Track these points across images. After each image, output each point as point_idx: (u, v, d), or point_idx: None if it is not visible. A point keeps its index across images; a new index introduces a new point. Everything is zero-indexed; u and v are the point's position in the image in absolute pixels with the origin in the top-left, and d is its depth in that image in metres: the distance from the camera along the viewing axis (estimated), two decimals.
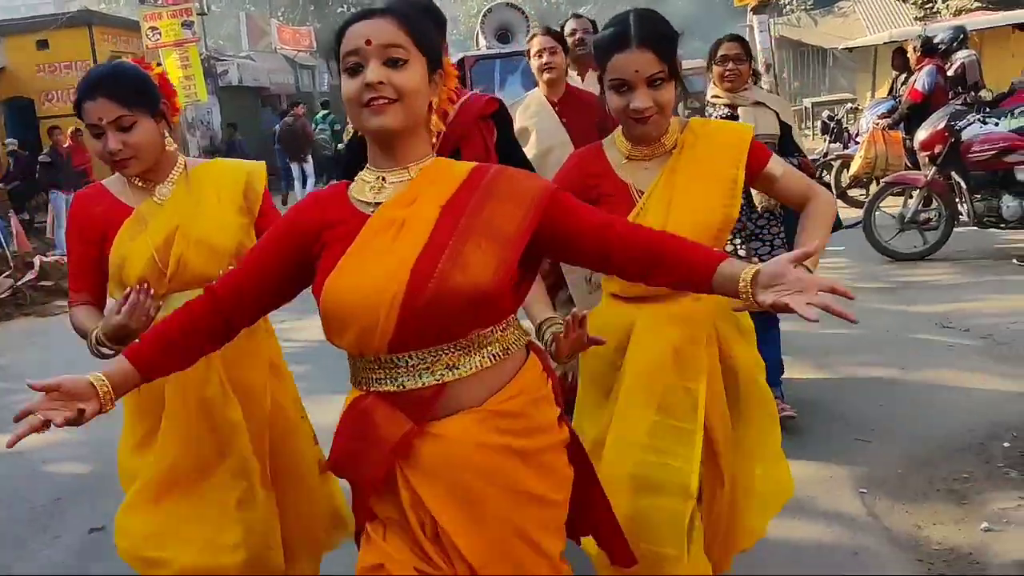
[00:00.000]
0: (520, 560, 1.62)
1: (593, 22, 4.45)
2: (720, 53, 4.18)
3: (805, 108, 19.67)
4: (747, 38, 4.52)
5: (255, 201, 2.50)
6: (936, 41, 8.45)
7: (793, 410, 4.01)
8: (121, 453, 2.46)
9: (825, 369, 4.78)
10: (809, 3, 22.99)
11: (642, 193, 2.20)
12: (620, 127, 2.29)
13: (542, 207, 1.62)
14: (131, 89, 2.33)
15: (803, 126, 18.43)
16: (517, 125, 3.52)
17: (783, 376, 4.17)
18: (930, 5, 18.54)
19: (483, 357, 1.61)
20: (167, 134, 2.44)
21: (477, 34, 10.14)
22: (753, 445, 2.32)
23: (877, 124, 8.22)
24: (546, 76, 3.86)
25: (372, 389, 1.63)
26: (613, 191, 2.23)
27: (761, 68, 10.38)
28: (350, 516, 1.98)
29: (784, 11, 23.04)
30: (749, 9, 10.15)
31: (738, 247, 4.05)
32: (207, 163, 2.58)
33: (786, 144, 4.12)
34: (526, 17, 10.07)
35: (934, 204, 7.10)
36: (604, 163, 2.27)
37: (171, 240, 2.35)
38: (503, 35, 9.53)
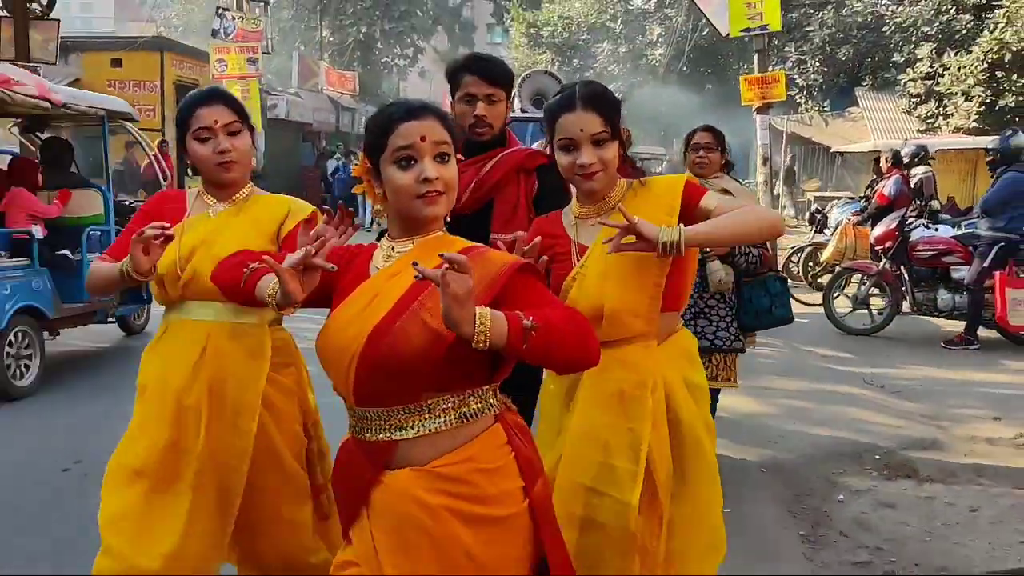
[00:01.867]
0: None
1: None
2: (693, 141, 4.45)
3: (808, 201, 21.06)
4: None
5: (283, 232, 2.61)
6: (903, 155, 9.86)
7: None
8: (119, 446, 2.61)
9: (762, 397, 6.05)
10: (823, 106, 24.50)
11: (586, 248, 2.32)
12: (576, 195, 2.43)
13: (501, 283, 1.70)
14: (237, 103, 2.64)
15: (799, 217, 19.84)
16: None
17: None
18: (932, 120, 19.91)
19: (434, 423, 1.71)
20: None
21: (514, 97, 11.01)
22: (690, 507, 2.34)
23: (849, 220, 9.57)
24: None
25: (353, 434, 1.81)
26: (564, 249, 2.35)
27: (758, 160, 11.79)
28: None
29: (799, 109, 24.57)
30: (754, 109, 11.56)
31: (687, 322, 4.10)
32: (269, 196, 2.73)
33: None
34: (560, 83, 10.02)
35: (884, 291, 8.41)
36: (560, 225, 2.41)
37: (191, 253, 2.52)
38: (538, 100, 9.87)
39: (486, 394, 1.76)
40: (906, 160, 9.74)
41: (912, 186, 9.43)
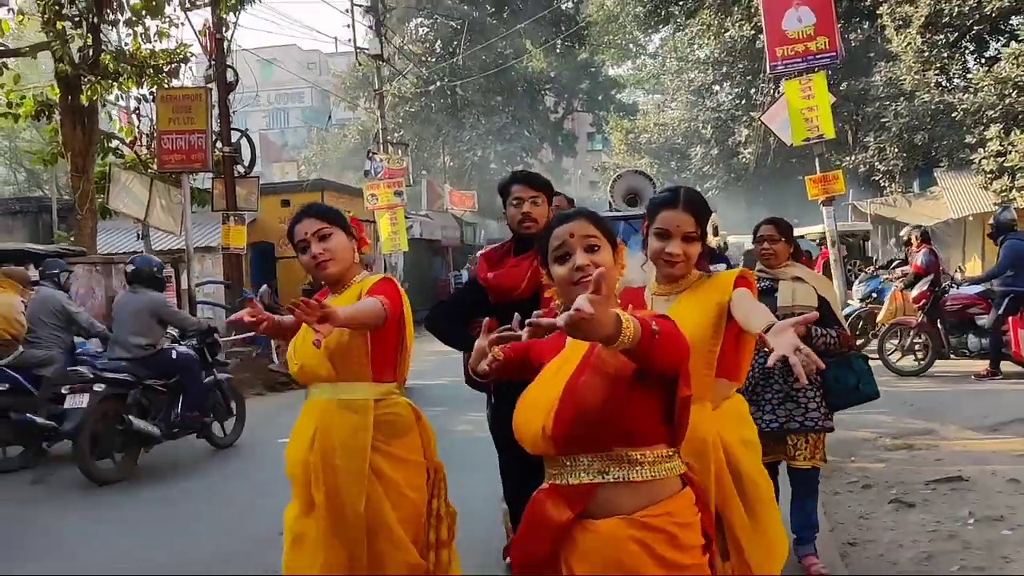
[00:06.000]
0: None
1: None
2: (759, 234, 4.58)
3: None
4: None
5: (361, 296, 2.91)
6: (928, 232, 12.15)
7: (825, 569, 4.41)
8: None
9: None
10: (906, 187, 26.44)
11: None
12: (655, 274, 2.80)
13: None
14: (326, 211, 2.98)
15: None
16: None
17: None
18: (1006, 192, 21.62)
19: (629, 472, 2.00)
20: (356, 251, 3.00)
21: (609, 196, 11.11)
22: (765, 549, 2.69)
23: (897, 287, 11.80)
24: None
25: (551, 482, 2.08)
26: None
27: (829, 246, 14.07)
28: None
29: (884, 192, 26.54)
30: (820, 202, 13.91)
31: (776, 406, 4.36)
32: (371, 277, 3.03)
33: (824, 316, 4.28)
34: (653, 183, 10.95)
35: (925, 339, 10.59)
36: (642, 297, 2.76)
37: (298, 345, 2.99)
38: (632, 199, 10.39)
39: (672, 456, 2.06)
40: (916, 237, 11.94)
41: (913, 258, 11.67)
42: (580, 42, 40.75)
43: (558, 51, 42.04)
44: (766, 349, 2.19)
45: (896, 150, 25.96)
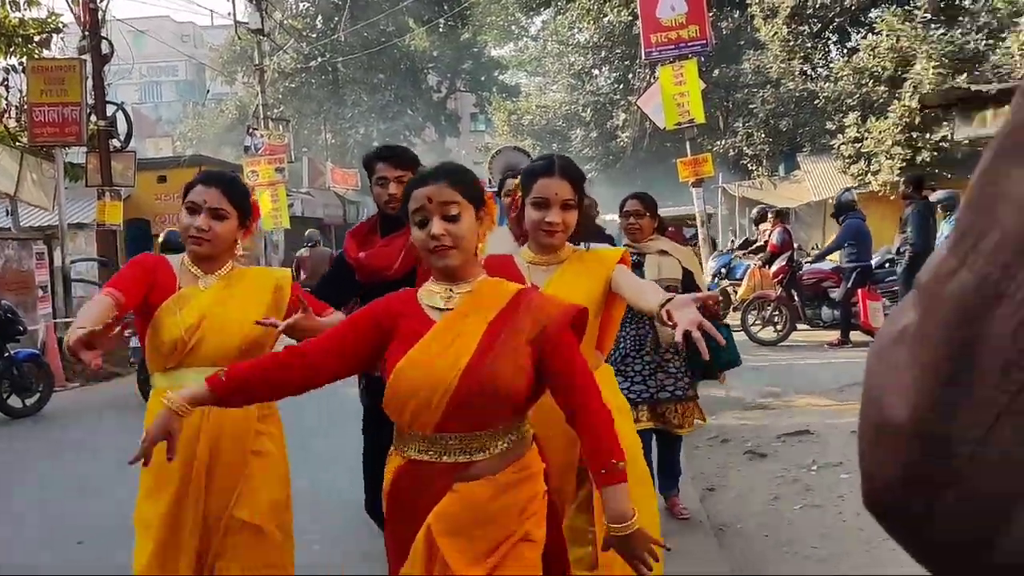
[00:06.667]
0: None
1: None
2: (624, 209, 4.67)
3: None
4: None
5: (283, 301, 2.80)
6: (783, 211, 13.08)
7: (687, 512, 4.79)
8: (137, 501, 2.76)
9: None
10: (772, 171, 27.89)
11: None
12: (528, 243, 2.82)
13: (552, 333, 2.01)
14: (236, 192, 2.76)
15: None
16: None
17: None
18: (862, 176, 23.07)
19: (504, 442, 2.03)
20: (239, 241, 2.81)
21: (488, 172, 10.87)
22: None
23: (756, 265, 12.64)
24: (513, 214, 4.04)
25: (412, 457, 2.04)
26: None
27: (698, 224, 14.87)
28: None
29: (751, 175, 27.91)
30: (690, 184, 14.68)
31: (647, 377, 4.49)
32: (248, 268, 2.91)
33: (688, 287, 4.42)
34: (530, 158, 10.74)
35: (783, 311, 11.42)
36: (513, 266, 2.71)
37: (199, 324, 2.66)
38: (510, 175, 9.95)
39: (528, 417, 2.12)
40: (783, 215, 12.89)
41: (769, 237, 12.60)
42: (463, 22, 40.95)
43: (441, 30, 42.09)
44: (670, 324, 2.27)
45: (763, 135, 27.27)
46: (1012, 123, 0.58)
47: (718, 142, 27.82)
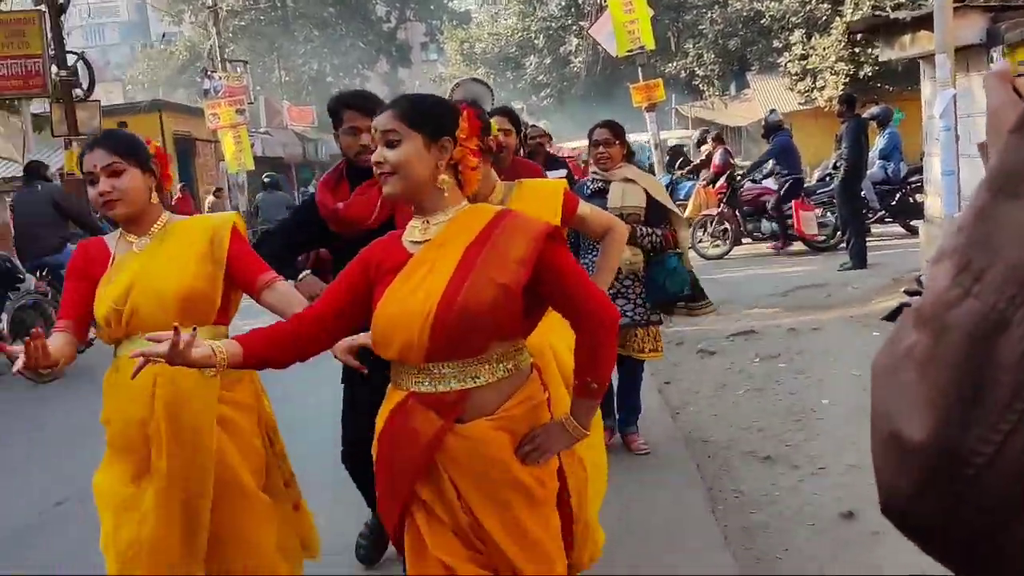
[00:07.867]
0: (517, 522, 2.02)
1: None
2: (593, 138, 4.63)
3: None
4: None
5: (220, 249, 2.65)
6: (720, 134, 13.92)
7: (646, 446, 4.81)
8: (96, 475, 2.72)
9: None
10: (724, 92, 28.58)
11: None
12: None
13: (538, 250, 1.97)
14: (123, 143, 2.65)
15: None
16: None
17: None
18: (809, 93, 23.84)
19: (499, 370, 2.00)
20: (153, 190, 2.69)
21: None
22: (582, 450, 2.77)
23: (702, 185, 13.43)
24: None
25: (411, 390, 2.03)
26: None
27: (651, 147, 15.57)
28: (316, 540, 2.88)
29: (703, 96, 28.59)
30: (643, 108, 15.32)
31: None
32: (185, 219, 2.81)
33: (653, 215, 4.51)
34: (491, 90, 10.92)
35: (726, 227, 12.28)
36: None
37: (127, 292, 2.57)
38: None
39: (522, 346, 2.12)
40: (709, 140, 13.71)
41: (706, 157, 13.41)
42: None
43: None
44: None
45: (712, 56, 27.89)
46: (1003, 163, 0.61)
47: (670, 64, 28.35)
